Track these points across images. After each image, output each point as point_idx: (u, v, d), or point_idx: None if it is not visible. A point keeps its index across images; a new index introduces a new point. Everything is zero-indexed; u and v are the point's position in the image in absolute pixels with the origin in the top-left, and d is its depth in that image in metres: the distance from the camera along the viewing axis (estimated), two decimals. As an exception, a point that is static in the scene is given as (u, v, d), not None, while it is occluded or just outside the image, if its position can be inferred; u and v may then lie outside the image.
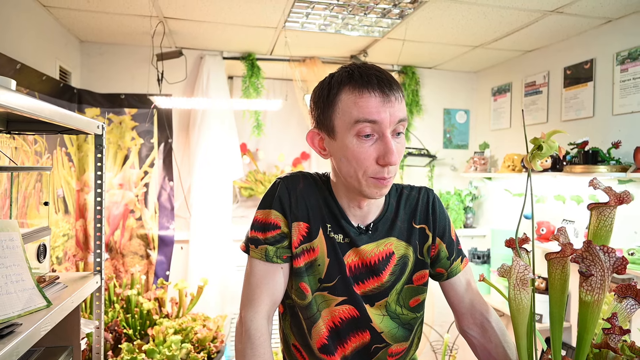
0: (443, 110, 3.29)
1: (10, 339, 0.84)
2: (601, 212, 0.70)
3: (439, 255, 0.98)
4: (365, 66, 0.83)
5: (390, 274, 0.93)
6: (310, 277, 0.92)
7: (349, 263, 0.92)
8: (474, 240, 3.21)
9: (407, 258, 0.95)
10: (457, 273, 0.98)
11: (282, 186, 0.94)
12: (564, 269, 0.71)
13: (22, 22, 2.00)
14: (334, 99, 0.82)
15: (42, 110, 0.99)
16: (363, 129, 0.79)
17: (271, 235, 0.92)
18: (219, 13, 2.21)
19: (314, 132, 0.89)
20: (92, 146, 2.61)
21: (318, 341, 0.93)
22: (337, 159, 0.86)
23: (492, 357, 0.95)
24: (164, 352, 1.95)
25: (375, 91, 0.78)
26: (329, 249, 0.91)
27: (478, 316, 0.97)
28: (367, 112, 0.78)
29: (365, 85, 0.79)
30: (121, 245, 2.71)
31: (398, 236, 0.94)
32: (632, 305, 0.71)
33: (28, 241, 1.16)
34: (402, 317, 0.95)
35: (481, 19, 2.21)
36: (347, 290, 0.92)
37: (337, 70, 0.86)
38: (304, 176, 0.96)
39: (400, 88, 0.83)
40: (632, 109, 2.11)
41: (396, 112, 0.80)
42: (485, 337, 0.96)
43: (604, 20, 2.21)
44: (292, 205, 0.92)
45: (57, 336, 1.25)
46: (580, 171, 2.11)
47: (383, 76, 0.80)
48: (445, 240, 0.98)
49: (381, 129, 0.79)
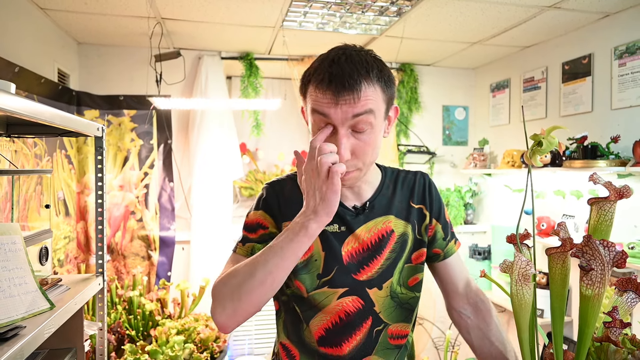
0: (442, 107, 3.29)
1: (15, 342, 0.85)
2: (601, 206, 0.70)
3: (436, 236, 0.99)
4: (334, 58, 0.81)
5: (390, 251, 0.94)
6: (308, 274, 0.92)
7: (349, 251, 0.92)
8: (474, 236, 3.22)
9: (407, 236, 0.96)
10: (452, 254, 1.01)
11: (269, 189, 0.96)
12: (564, 263, 0.72)
13: (20, 25, 2.00)
14: (306, 90, 0.85)
15: (42, 114, 0.99)
16: (317, 121, 0.82)
17: (260, 234, 0.93)
18: (217, 13, 2.21)
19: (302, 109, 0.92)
20: (92, 148, 2.61)
21: (316, 333, 0.93)
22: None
23: (486, 337, 0.96)
24: (167, 352, 1.95)
25: (330, 88, 0.79)
26: (323, 242, 0.92)
27: (472, 296, 1.00)
28: (319, 106, 0.81)
29: (320, 81, 0.80)
30: (122, 247, 2.72)
31: (397, 214, 0.96)
32: (633, 298, 0.72)
33: (30, 244, 1.17)
34: (402, 296, 0.96)
35: (479, 15, 2.21)
36: (347, 279, 0.92)
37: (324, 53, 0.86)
38: (290, 178, 0.98)
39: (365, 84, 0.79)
40: (631, 103, 2.11)
41: (350, 109, 0.79)
42: (479, 316, 0.98)
43: (601, 15, 2.21)
44: (282, 206, 0.93)
45: (61, 338, 1.25)
46: (580, 166, 2.11)
47: (343, 72, 0.78)
48: (441, 222, 1.00)
49: (334, 124, 0.81)
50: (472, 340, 0.99)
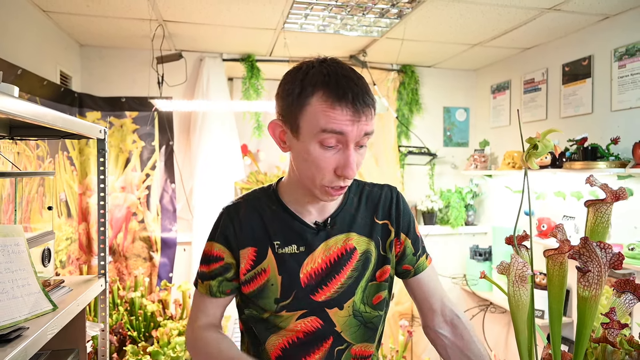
0: (443, 109, 3.30)
1: (18, 343, 0.86)
2: (598, 208, 0.71)
3: (405, 252, 0.97)
4: (342, 73, 0.78)
5: (352, 270, 0.91)
6: (265, 299, 0.90)
7: (308, 272, 0.89)
8: (475, 237, 3.22)
9: (370, 253, 0.93)
10: (423, 269, 0.98)
11: (225, 217, 0.93)
12: (562, 265, 0.72)
13: (22, 28, 2.01)
14: (304, 100, 0.78)
15: (45, 116, 1.00)
16: (328, 140, 0.78)
17: (214, 267, 0.93)
18: (218, 15, 2.22)
19: (276, 123, 0.85)
20: (93, 150, 2.63)
21: (273, 353, 0.91)
22: (296, 156, 0.84)
23: (465, 354, 0.94)
24: (169, 353, 1.96)
25: (348, 106, 0.76)
26: (280, 265, 0.89)
27: (448, 313, 0.97)
28: (336, 125, 0.76)
29: (339, 98, 0.76)
30: (124, 248, 2.73)
31: (359, 231, 0.93)
32: (631, 299, 0.72)
33: (33, 246, 1.18)
34: (365, 315, 0.93)
35: (479, 17, 2.22)
36: (305, 302, 0.89)
37: (307, 64, 0.81)
38: (246, 200, 0.95)
39: (373, 102, 0.80)
40: (631, 105, 2.11)
41: (364, 127, 0.78)
42: (457, 334, 0.96)
43: (601, 17, 2.21)
44: (237, 233, 0.91)
45: (63, 339, 1.26)
46: (580, 167, 2.12)
47: (358, 90, 0.77)
48: (410, 237, 0.97)
49: (346, 142, 0.78)
50: (450, 358, 0.96)
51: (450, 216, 3.13)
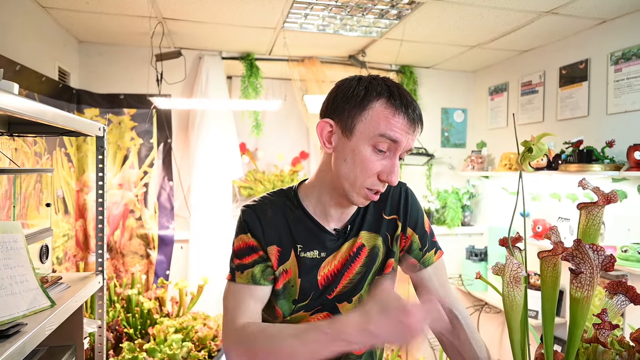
0: (441, 110, 3.31)
1: (16, 339, 0.86)
2: (590, 211, 0.72)
3: (412, 247, 0.99)
4: (402, 88, 0.87)
5: (360, 266, 0.94)
6: (285, 299, 0.93)
7: (325, 274, 0.93)
8: (471, 238, 3.24)
9: (378, 249, 0.96)
10: (429, 264, 1.00)
11: (251, 213, 0.92)
12: (555, 266, 0.73)
13: (21, 24, 2.01)
14: (367, 103, 0.83)
15: (44, 114, 1.01)
16: (381, 144, 0.83)
17: (254, 257, 0.90)
18: (218, 13, 2.22)
19: (326, 122, 0.87)
20: (91, 146, 2.62)
21: None
22: (340, 157, 0.86)
23: (460, 354, 0.96)
24: (165, 350, 1.97)
25: (407, 116, 0.83)
26: (300, 267, 0.91)
27: (447, 313, 0.97)
28: (394, 131, 0.82)
29: (401, 107, 0.83)
30: (121, 245, 2.73)
31: (368, 229, 0.96)
32: (623, 301, 0.74)
33: (31, 242, 1.18)
34: None
35: (478, 20, 2.23)
36: (320, 300, 0.93)
37: (368, 77, 0.88)
38: (271, 202, 0.95)
39: (422, 123, 0.87)
40: (626, 109, 2.13)
41: (412, 141, 0.85)
42: (454, 334, 0.97)
43: (598, 21, 2.23)
44: (265, 230, 0.91)
45: (61, 336, 1.27)
46: (575, 170, 2.13)
47: (415, 106, 0.85)
48: (418, 232, 0.99)
49: (396, 150, 0.84)
50: (450, 356, 0.99)
51: (447, 216, 3.15)
